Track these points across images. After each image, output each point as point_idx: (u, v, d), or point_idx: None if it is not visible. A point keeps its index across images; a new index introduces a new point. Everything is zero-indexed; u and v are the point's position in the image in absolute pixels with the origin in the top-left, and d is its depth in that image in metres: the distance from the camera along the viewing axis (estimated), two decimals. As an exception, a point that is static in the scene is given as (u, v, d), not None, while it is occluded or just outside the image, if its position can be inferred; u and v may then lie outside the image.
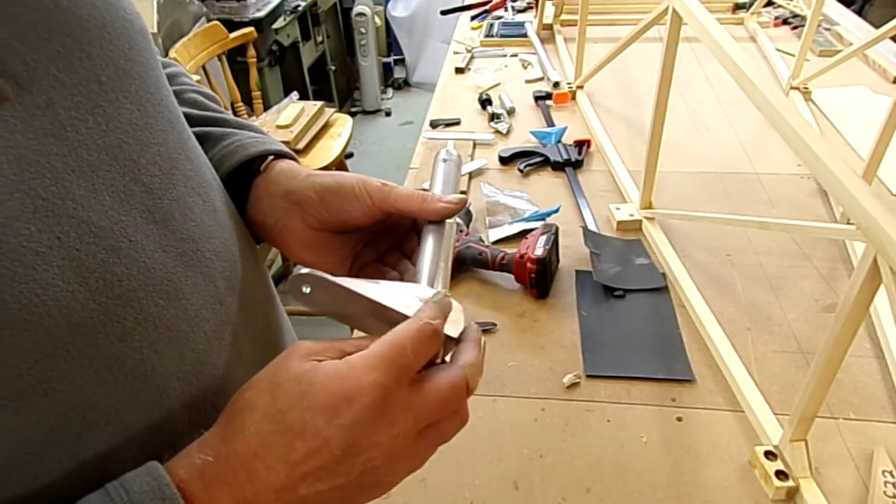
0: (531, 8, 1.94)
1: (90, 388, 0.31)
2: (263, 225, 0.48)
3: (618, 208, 1.03)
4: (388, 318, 0.36)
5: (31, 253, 0.28)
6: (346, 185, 0.44)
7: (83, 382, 0.30)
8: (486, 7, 1.96)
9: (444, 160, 0.50)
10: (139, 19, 0.37)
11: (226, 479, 0.31)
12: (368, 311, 0.36)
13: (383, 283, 0.38)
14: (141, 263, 0.33)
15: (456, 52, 1.71)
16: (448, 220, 0.45)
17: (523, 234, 0.96)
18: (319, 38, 3.18)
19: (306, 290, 0.35)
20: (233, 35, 2.13)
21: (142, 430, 0.34)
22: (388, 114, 3.76)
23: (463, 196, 0.45)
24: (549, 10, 1.76)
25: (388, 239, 0.49)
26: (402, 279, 0.45)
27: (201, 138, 0.47)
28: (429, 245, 0.44)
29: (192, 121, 0.47)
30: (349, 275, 0.47)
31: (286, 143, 1.88)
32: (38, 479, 0.30)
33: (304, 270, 0.35)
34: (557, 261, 0.93)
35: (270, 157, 0.49)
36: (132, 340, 0.32)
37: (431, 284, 0.41)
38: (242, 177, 0.48)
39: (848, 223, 0.90)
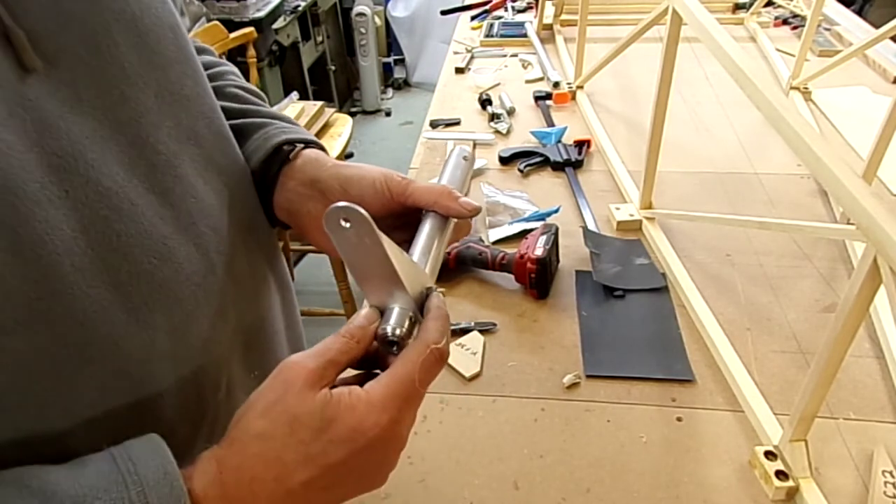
0: (531, 8, 1.94)
1: (89, 325, 0.34)
2: (289, 210, 0.50)
3: (618, 208, 1.03)
4: (392, 287, 0.37)
5: (44, 199, 0.31)
6: (367, 178, 0.47)
7: (84, 319, 0.33)
8: (486, 7, 1.96)
9: (465, 158, 0.51)
10: (172, 17, 0.41)
11: (243, 500, 0.34)
12: (381, 272, 0.36)
13: (399, 250, 0.38)
14: (139, 225, 0.36)
15: (456, 52, 1.71)
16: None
17: (523, 234, 0.96)
18: (319, 38, 3.18)
19: (346, 224, 0.34)
20: (233, 35, 2.13)
21: (132, 373, 0.37)
22: (388, 114, 3.76)
23: (479, 206, 0.46)
24: (549, 10, 1.76)
25: (405, 232, 0.49)
26: None
27: (237, 131, 0.50)
28: (426, 230, 0.44)
29: (231, 114, 0.51)
30: None
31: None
32: (41, 410, 0.33)
33: (348, 204, 0.34)
34: (557, 261, 0.93)
35: (300, 146, 0.51)
36: (125, 290, 0.36)
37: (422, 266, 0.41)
38: (273, 165, 0.50)
39: (848, 223, 0.90)
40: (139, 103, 0.37)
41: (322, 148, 0.53)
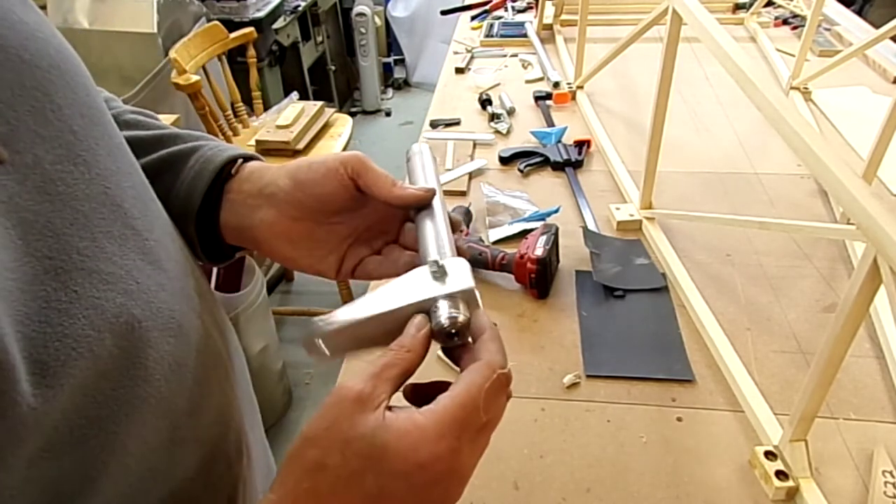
0: (531, 8, 1.94)
1: (123, 432, 0.31)
2: (240, 227, 0.45)
3: (618, 208, 1.03)
4: (421, 312, 0.36)
5: (54, 312, 0.28)
6: (317, 161, 0.44)
7: (116, 427, 0.31)
8: (486, 7, 1.96)
9: (415, 153, 0.49)
10: (81, 63, 0.36)
11: None
12: (397, 322, 0.35)
13: (393, 281, 0.36)
14: (151, 304, 0.33)
15: (456, 52, 1.71)
16: (434, 201, 0.44)
17: (523, 234, 0.96)
18: (319, 38, 3.18)
19: (321, 343, 0.34)
20: (233, 35, 2.13)
21: (162, 468, 0.34)
22: (388, 114, 3.76)
23: (430, 188, 0.44)
24: (549, 10, 1.76)
25: (381, 234, 0.47)
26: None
27: (165, 165, 0.46)
28: (426, 225, 0.42)
29: (142, 143, 0.45)
30: (340, 272, 0.46)
31: (286, 143, 1.88)
32: None
33: (309, 329, 0.33)
34: (557, 261, 0.93)
35: (239, 161, 0.47)
36: (153, 380, 0.33)
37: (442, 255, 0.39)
38: (216, 185, 0.46)
39: (848, 223, 0.90)
40: (101, 168, 0.33)
41: (260, 159, 0.49)
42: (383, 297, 0.36)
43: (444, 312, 0.35)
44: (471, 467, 0.34)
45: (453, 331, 0.35)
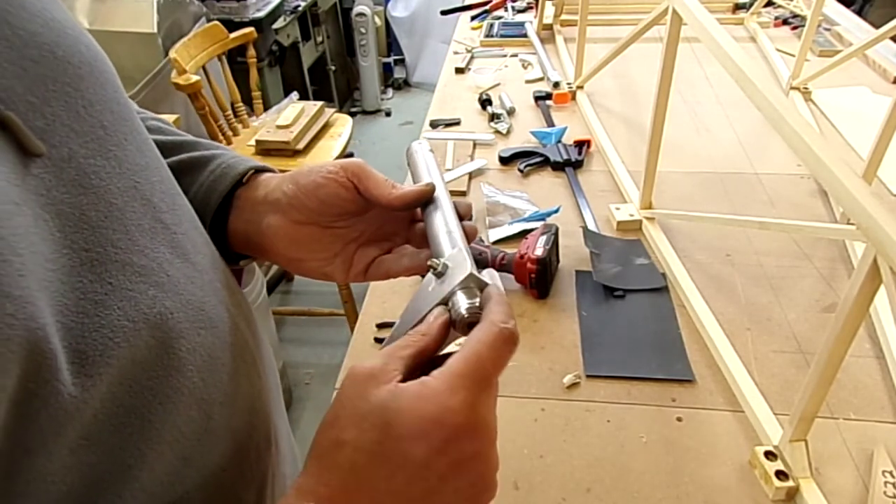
0: (531, 8, 1.94)
1: (158, 421, 0.32)
2: (246, 233, 0.46)
3: (618, 208, 1.03)
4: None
5: (90, 303, 0.28)
6: (316, 165, 0.45)
7: (152, 416, 0.31)
8: (486, 7, 1.96)
9: (415, 150, 0.51)
10: (108, 60, 0.37)
11: None
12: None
13: (414, 295, 0.37)
14: (181, 296, 0.34)
15: (456, 52, 1.71)
16: (437, 195, 0.45)
17: (523, 234, 0.96)
18: (319, 38, 3.18)
19: None
20: (233, 35, 2.13)
21: (196, 457, 0.35)
22: (388, 114, 3.76)
23: (429, 183, 0.46)
24: (549, 10, 1.76)
25: (390, 236, 0.48)
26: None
27: (184, 168, 0.47)
28: (433, 219, 0.43)
29: (163, 147, 0.46)
30: (350, 274, 0.47)
31: (286, 143, 1.88)
32: None
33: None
34: (557, 261, 0.93)
35: (252, 172, 0.48)
36: (186, 370, 0.34)
37: (454, 247, 0.40)
38: (228, 196, 0.47)
39: (848, 223, 0.90)
40: (131, 163, 0.34)
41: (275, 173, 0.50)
42: (409, 313, 0.37)
43: (461, 304, 0.36)
44: (490, 420, 0.33)
45: (473, 321, 0.36)
